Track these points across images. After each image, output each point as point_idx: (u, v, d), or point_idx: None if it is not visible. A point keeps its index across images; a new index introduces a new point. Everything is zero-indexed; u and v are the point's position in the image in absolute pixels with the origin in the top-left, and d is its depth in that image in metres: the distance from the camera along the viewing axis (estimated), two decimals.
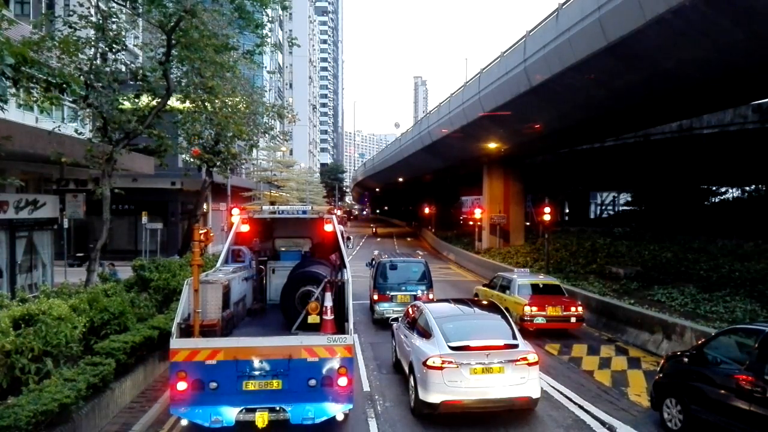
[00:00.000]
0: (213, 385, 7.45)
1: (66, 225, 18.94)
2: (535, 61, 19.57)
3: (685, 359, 8.79)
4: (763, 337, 7.56)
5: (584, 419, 8.98)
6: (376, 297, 16.21)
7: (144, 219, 24.45)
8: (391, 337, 12.15)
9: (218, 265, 10.49)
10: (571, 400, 9.89)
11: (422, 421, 8.82)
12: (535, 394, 8.71)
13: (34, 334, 7.92)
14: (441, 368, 8.51)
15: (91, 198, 16.10)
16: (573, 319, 14.83)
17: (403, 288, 16.12)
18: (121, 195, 14.86)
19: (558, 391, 10.37)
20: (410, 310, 10.89)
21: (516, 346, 8.84)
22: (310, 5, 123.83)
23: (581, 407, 9.51)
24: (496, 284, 17.34)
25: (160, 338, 10.41)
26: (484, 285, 18.97)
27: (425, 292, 16.01)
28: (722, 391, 7.70)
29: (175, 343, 7.56)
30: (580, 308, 15.03)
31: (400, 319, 11.45)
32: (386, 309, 15.66)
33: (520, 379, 8.56)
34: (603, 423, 8.81)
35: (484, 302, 11.92)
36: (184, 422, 7.64)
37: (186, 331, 7.90)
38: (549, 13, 18.89)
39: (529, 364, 8.67)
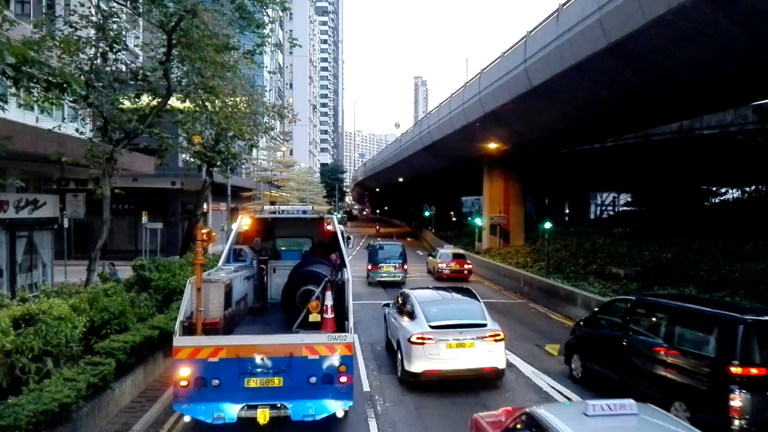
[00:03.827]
0: (215, 382, 7.54)
1: (66, 225, 18.94)
2: (535, 61, 19.58)
3: (585, 324, 11.17)
4: (631, 303, 9.94)
5: None
6: (370, 267, 24.55)
7: (144, 219, 24.42)
8: (384, 321, 13.78)
9: (220, 264, 10.64)
10: (569, 399, 9.88)
11: (422, 421, 8.83)
12: (501, 365, 10.25)
13: (34, 333, 7.91)
14: (422, 343, 10.02)
15: (91, 198, 16.10)
16: (465, 271, 26.44)
17: (388, 261, 24.18)
18: (121, 195, 14.85)
19: (558, 392, 10.38)
20: (399, 298, 12.33)
21: (485, 325, 10.42)
22: (311, 5, 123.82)
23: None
24: (431, 254, 30.97)
25: (160, 338, 10.41)
26: (429, 255, 31.95)
27: (402, 264, 24.25)
28: (605, 347, 10.00)
29: (179, 340, 7.65)
30: (469, 266, 26.90)
31: (391, 305, 13.07)
32: (376, 274, 24.14)
33: (488, 352, 10.08)
34: None
35: (463, 288, 13.18)
36: (186, 418, 7.71)
37: (189, 329, 7.98)
38: (549, 13, 18.91)
39: (496, 340, 10.20)
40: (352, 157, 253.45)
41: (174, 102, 16.30)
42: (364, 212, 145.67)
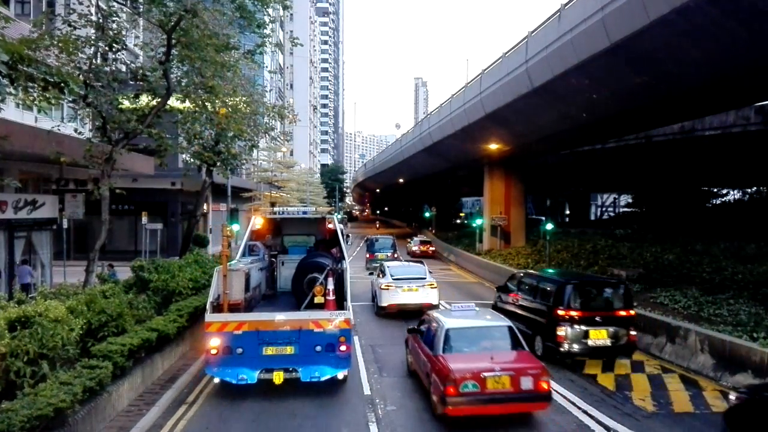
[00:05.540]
0: (239, 350, 9.35)
1: (65, 225, 18.83)
2: (537, 62, 19.47)
3: (499, 290, 15.91)
4: (522, 274, 15.07)
5: (588, 424, 8.86)
6: (368, 256, 30.94)
7: (144, 219, 24.29)
8: (370, 286, 19.50)
9: (237, 257, 12.25)
10: (574, 404, 9.76)
11: (422, 423, 8.72)
12: (435, 302, 16.60)
13: (29, 336, 7.79)
14: (388, 289, 16.87)
15: (90, 198, 16.00)
16: (429, 251, 39.77)
17: (382, 251, 30.79)
18: (122, 195, 14.70)
19: (561, 395, 10.23)
20: (379, 268, 18.89)
21: (425, 278, 17.36)
22: (311, 6, 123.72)
23: (585, 412, 9.38)
24: (409, 241, 43.78)
25: (158, 340, 10.32)
26: (407, 243, 43.61)
27: (393, 252, 31.03)
28: (507, 305, 14.71)
29: (210, 317, 9.47)
30: (433, 248, 41.06)
31: (375, 274, 19.36)
32: (374, 261, 28.36)
33: (427, 294, 16.82)
34: (607, 428, 8.69)
35: (418, 260, 21.01)
36: (216, 380, 9.68)
37: (217, 308, 9.71)
38: (551, 13, 18.80)
39: (432, 288, 16.98)
40: (352, 158, 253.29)
41: (174, 102, 16.21)
42: (365, 213, 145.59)
